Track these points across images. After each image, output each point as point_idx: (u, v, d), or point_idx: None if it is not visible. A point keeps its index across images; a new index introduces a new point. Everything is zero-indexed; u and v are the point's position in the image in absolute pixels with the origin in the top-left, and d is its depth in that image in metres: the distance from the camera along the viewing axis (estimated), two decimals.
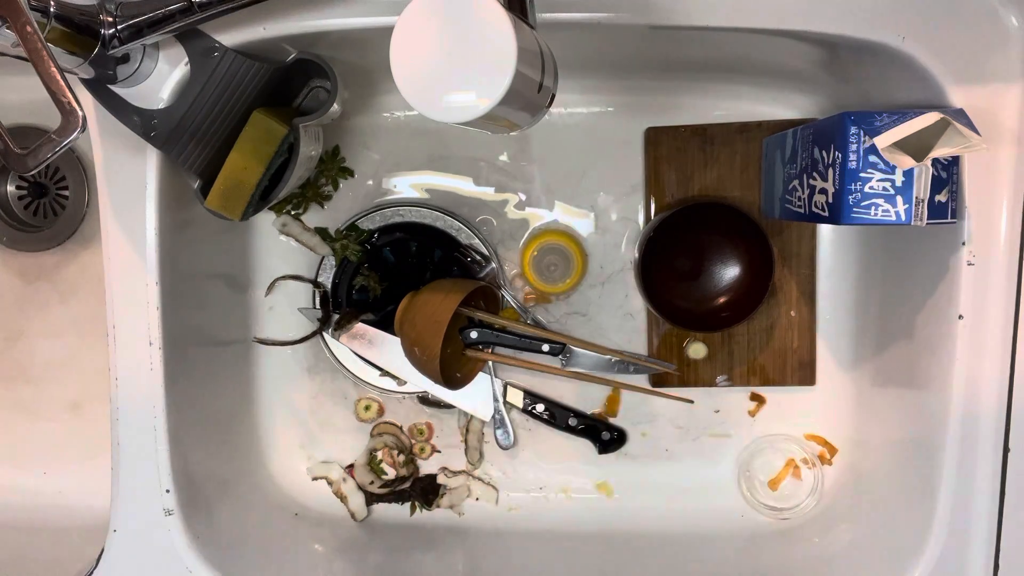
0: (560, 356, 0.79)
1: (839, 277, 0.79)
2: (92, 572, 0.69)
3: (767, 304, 0.79)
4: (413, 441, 0.85)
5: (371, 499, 0.84)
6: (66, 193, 0.88)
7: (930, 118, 0.54)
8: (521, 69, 0.43)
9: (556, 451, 0.84)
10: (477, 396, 0.82)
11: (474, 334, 0.78)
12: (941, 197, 0.57)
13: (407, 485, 0.84)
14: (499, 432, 0.83)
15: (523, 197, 0.81)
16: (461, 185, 0.81)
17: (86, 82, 0.60)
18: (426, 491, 0.83)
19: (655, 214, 0.79)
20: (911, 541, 0.65)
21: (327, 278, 0.82)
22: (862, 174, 0.56)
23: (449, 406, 0.84)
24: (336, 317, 0.81)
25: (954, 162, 0.57)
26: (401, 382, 0.83)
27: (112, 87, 0.61)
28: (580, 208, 0.81)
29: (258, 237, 0.83)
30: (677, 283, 0.78)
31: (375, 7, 0.61)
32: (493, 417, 0.82)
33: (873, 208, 0.56)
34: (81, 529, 0.84)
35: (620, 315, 0.81)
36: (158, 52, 0.60)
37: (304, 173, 0.75)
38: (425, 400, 0.84)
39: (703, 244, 0.78)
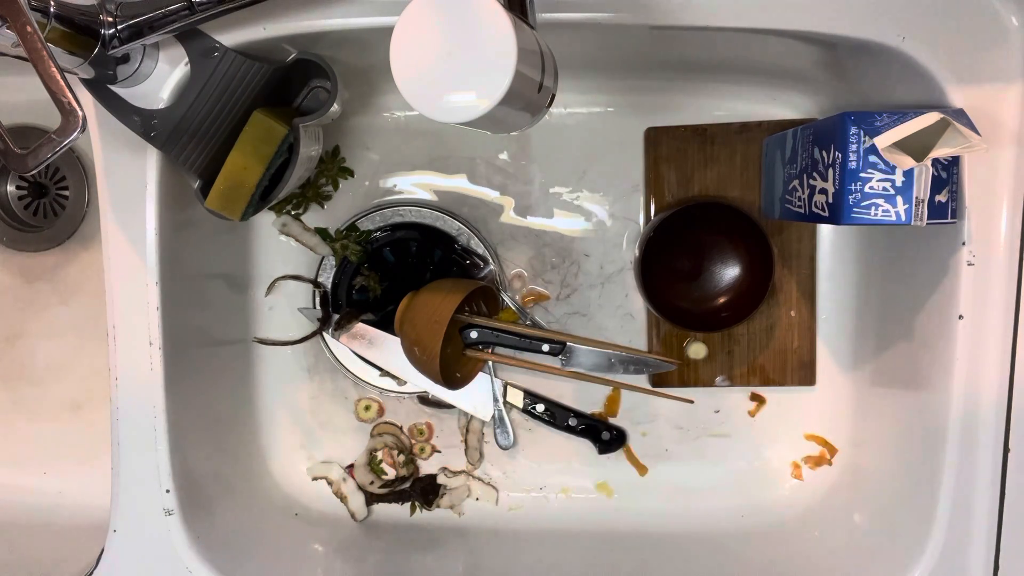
0: (560, 356, 0.79)
1: (839, 277, 0.79)
2: (92, 572, 0.69)
3: (767, 304, 0.79)
4: (413, 441, 0.85)
5: (371, 499, 0.84)
6: (66, 193, 0.88)
7: (930, 118, 0.54)
8: (521, 69, 0.43)
9: (556, 451, 0.84)
10: (477, 396, 0.82)
11: (474, 334, 0.78)
12: (941, 197, 0.57)
13: (407, 485, 0.84)
14: (499, 432, 0.83)
15: (523, 197, 0.81)
16: (461, 185, 0.81)
17: (86, 82, 0.60)
18: (426, 491, 0.83)
19: (655, 214, 0.79)
20: (911, 541, 0.65)
21: (327, 278, 0.82)
22: (862, 174, 0.56)
23: (449, 406, 0.84)
24: (336, 317, 0.81)
25: (954, 162, 0.57)
26: (401, 382, 0.83)
27: (112, 87, 0.61)
28: (580, 208, 0.81)
29: (258, 237, 0.83)
30: (677, 283, 0.78)
31: (375, 7, 0.61)
32: (493, 417, 0.83)
33: (873, 208, 0.56)
34: (81, 529, 0.84)
35: (620, 315, 0.81)
36: (158, 52, 0.60)
37: (304, 173, 0.75)
38: (425, 400, 0.84)
39: (703, 244, 0.78)
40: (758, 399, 0.82)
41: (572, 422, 0.82)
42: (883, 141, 0.55)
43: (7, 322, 0.89)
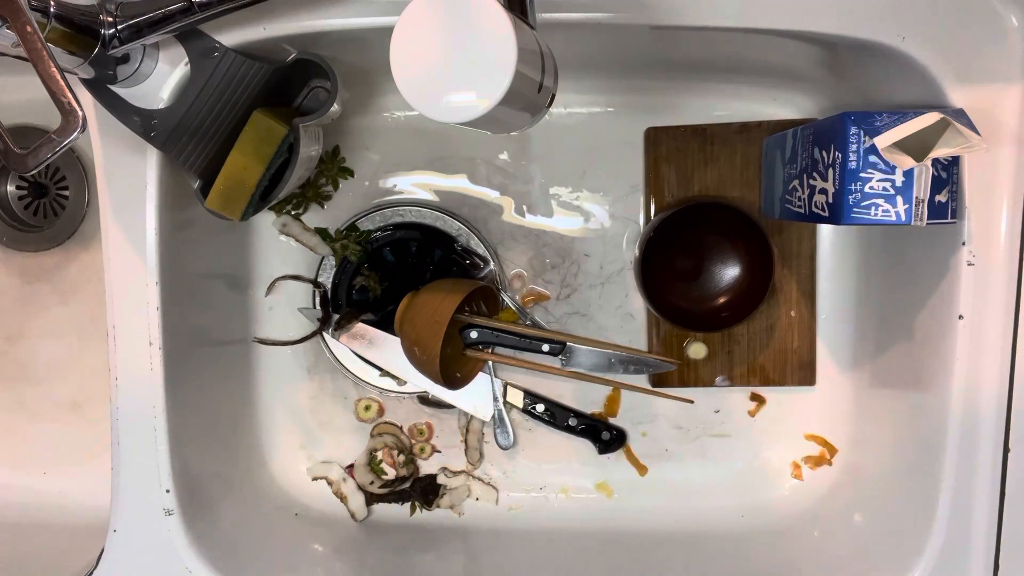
0: (560, 356, 0.79)
1: (839, 277, 0.79)
2: (92, 572, 0.69)
3: (767, 304, 0.79)
4: (413, 441, 0.85)
5: (371, 499, 0.84)
6: (66, 193, 0.88)
7: (930, 118, 0.54)
8: (521, 69, 0.43)
9: (556, 451, 0.84)
10: (477, 396, 0.82)
11: (474, 334, 0.78)
12: (941, 197, 0.57)
13: (407, 485, 0.84)
14: (499, 432, 0.83)
15: (523, 197, 0.81)
16: (461, 185, 0.81)
17: (86, 82, 0.60)
18: (426, 491, 0.83)
19: (655, 214, 0.79)
20: (911, 541, 0.65)
21: (327, 278, 0.82)
22: (862, 174, 0.56)
23: (449, 406, 0.84)
24: (336, 317, 0.81)
25: (954, 162, 0.57)
26: (401, 382, 0.83)
27: (112, 87, 0.60)
28: (580, 208, 0.81)
29: (258, 237, 0.83)
30: (677, 283, 0.78)
31: (375, 7, 0.61)
32: (493, 417, 0.82)
33: (873, 208, 0.56)
34: (81, 529, 0.84)
35: (620, 315, 0.81)
36: (158, 52, 0.60)
37: (304, 173, 0.75)
38: (425, 400, 0.84)
39: (703, 244, 0.78)
40: (758, 399, 0.82)
41: (572, 422, 0.82)
42: (883, 141, 0.55)
43: (7, 322, 0.89)
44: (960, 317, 0.61)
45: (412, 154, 0.81)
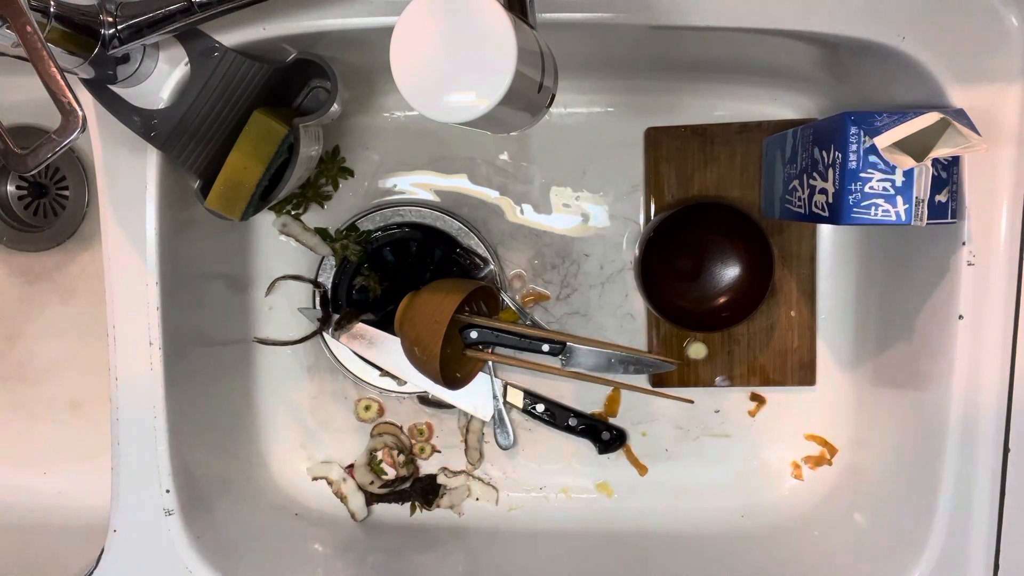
0: (560, 356, 0.79)
1: (839, 277, 0.79)
2: (92, 572, 0.69)
3: (767, 304, 0.79)
4: (413, 441, 0.85)
5: (371, 499, 0.84)
6: (66, 193, 0.88)
7: (930, 118, 0.54)
8: (521, 69, 0.43)
9: (556, 451, 0.84)
10: (477, 396, 0.82)
11: (474, 334, 0.78)
12: (941, 197, 0.57)
13: (407, 485, 0.84)
14: (499, 432, 0.83)
15: (523, 197, 0.81)
16: (461, 185, 0.81)
17: (86, 82, 0.60)
18: (426, 491, 0.83)
19: (655, 214, 0.79)
20: (911, 541, 0.65)
21: (327, 278, 0.82)
22: (862, 174, 0.56)
23: (449, 406, 0.84)
24: (336, 317, 0.81)
25: (954, 162, 0.57)
26: (401, 382, 0.83)
27: (112, 87, 0.61)
28: (580, 208, 0.81)
29: (258, 237, 0.83)
30: (677, 283, 0.78)
31: (375, 7, 0.61)
32: (493, 417, 0.82)
33: (873, 208, 0.56)
34: (81, 529, 0.84)
35: (620, 315, 0.81)
36: (158, 52, 0.60)
37: (304, 173, 0.75)
38: (425, 400, 0.84)
39: (703, 244, 0.78)
40: (758, 399, 0.82)
41: (572, 422, 0.82)
42: (883, 141, 0.55)
43: (7, 322, 0.89)
44: (960, 317, 0.61)
45: (412, 154, 0.81)
